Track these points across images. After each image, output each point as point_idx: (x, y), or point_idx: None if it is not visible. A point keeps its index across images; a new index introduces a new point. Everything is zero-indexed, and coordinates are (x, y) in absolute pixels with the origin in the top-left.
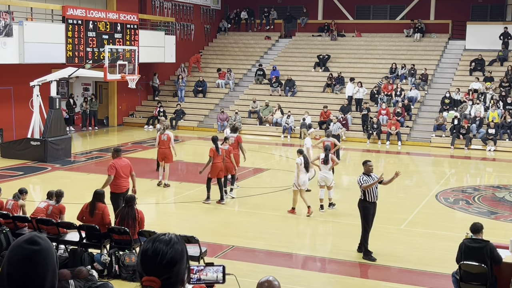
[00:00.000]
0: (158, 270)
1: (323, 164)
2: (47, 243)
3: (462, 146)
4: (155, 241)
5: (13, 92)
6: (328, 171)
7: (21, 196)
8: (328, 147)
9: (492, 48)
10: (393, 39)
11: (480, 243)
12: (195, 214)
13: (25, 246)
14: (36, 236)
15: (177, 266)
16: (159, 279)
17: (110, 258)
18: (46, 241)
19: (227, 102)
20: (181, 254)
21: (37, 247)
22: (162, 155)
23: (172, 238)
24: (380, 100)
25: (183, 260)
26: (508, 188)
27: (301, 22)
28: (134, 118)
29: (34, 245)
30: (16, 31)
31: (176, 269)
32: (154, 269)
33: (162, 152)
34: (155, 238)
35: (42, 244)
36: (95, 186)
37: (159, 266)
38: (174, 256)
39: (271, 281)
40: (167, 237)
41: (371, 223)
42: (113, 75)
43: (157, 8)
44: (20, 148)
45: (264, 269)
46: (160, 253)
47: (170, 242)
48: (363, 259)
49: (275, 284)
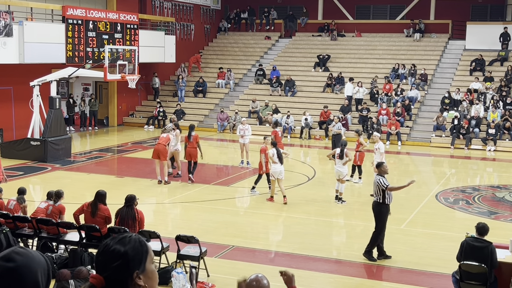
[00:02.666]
0: (100, 265)
1: (338, 158)
2: (27, 259)
3: (462, 146)
4: (111, 238)
5: (13, 92)
6: (342, 166)
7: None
8: (343, 143)
9: (492, 48)
10: (393, 39)
11: (482, 242)
12: (195, 214)
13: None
14: (14, 252)
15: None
16: (102, 276)
17: None
18: (27, 257)
19: (227, 102)
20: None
21: (11, 265)
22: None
23: (127, 238)
24: (380, 100)
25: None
26: (508, 188)
27: (301, 22)
28: (134, 118)
29: (8, 262)
30: (16, 31)
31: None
32: (98, 264)
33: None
34: (114, 236)
35: (18, 261)
36: (95, 186)
37: (101, 262)
38: (117, 254)
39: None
40: (123, 236)
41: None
42: (113, 75)
43: (157, 8)
44: (20, 148)
45: (264, 269)
46: (103, 249)
47: (122, 240)
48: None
49: (264, 283)
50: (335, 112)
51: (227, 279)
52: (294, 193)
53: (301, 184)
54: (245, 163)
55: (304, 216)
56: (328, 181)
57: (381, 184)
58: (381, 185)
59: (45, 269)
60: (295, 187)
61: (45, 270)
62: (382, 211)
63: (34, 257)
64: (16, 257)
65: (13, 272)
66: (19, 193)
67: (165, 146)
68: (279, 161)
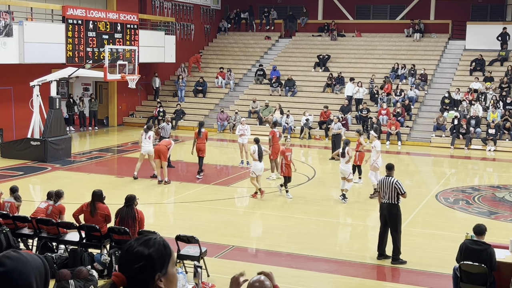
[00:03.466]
0: (124, 266)
1: (341, 157)
2: (18, 264)
3: (462, 146)
4: (136, 240)
5: (13, 92)
6: (345, 164)
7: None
8: (346, 141)
9: (492, 48)
10: (393, 39)
11: (481, 245)
12: (195, 214)
13: None
14: (5, 257)
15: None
16: (124, 275)
17: (110, 258)
18: (18, 261)
19: (227, 102)
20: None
21: (1, 269)
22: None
23: (151, 239)
24: (380, 100)
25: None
26: (508, 188)
27: (301, 22)
28: (134, 118)
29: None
30: (16, 31)
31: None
32: (121, 264)
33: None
34: (138, 237)
35: (8, 266)
36: (95, 186)
37: (125, 261)
38: (142, 252)
39: (262, 281)
40: (147, 238)
41: None
42: (113, 75)
43: (157, 8)
44: (20, 148)
45: (264, 269)
46: (127, 247)
47: (146, 242)
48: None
49: (267, 284)
50: (335, 112)
51: (227, 279)
52: (294, 193)
53: (301, 184)
54: (245, 163)
55: (304, 216)
56: (328, 181)
57: (400, 189)
58: (399, 189)
59: (41, 272)
60: (295, 187)
61: (41, 273)
62: (398, 214)
63: (27, 260)
64: (7, 262)
65: (3, 277)
66: (12, 191)
67: (166, 147)
68: (259, 159)
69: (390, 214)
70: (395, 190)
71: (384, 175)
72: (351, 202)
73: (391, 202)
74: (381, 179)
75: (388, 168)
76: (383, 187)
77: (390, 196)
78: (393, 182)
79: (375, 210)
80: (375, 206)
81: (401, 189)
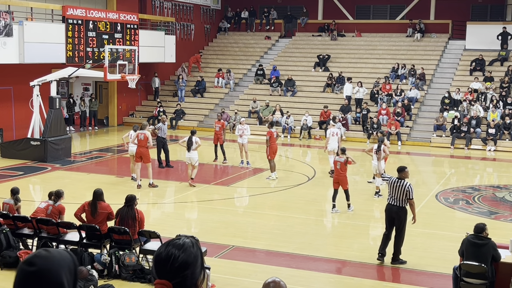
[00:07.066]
0: (170, 274)
1: (375, 154)
2: (48, 262)
3: (462, 146)
4: (169, 245)
5: (13, 92)
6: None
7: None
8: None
9: (492, 48)
10: (393, 39)
11: (483, 240)
12: (195, 214)
13: (22, 267)
14: (36, 256)
15: (189, 270)
16: (171, 283)
17: (110, 258)
18: (47, 260)
19: (227, 102)
20: (194, 258)
21: (32, 269)
22: (138, 154)
23: (186, 242)
24: (380, 100)
25: (196, 264)
26: (508, 188)
27: (301, 22)
28: (134, 118)
29: (30, 266)
30: (16, 31)
31: (188, 273)
32: (166, 272)
33: (138, 151)
34: (169, 242)
35: (38, 265)
36: (95, 186)
37: (170, 270)
38: (186, 260)
39: (277, 282)
40: (181, 242)
41: None
42: (113, 75)
43: (157, 8)
44: (20, 148)
45: (264, 269)
46: (172, 257)
47: (183, 246)
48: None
49: (282, 284)
50: (335, 112)
51: (227, 279)
52: (294, 193)
53: (301, 184)
54: (245, 163)
55: (304, 216)
56: (328, 181)
57: (410, 193)
58: (410, 193)
59: (70, 268)
60: (295, 187)
61: (70, 269)
62: (406, 218)
63: (57, 258)
64: (37, 261)
65: (34, 276)
66: (13, 193)
67: (147, 148)
68: (187, 149)
69: (399, 217)
70: (406, 193)
71: (395, 177)
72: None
73: (401, 205)
74: (393, 180)
75: (398, 171)
76: (394, 189)
77: (400, 199)
78: (406, 185)
79: (375, 210)
80: (375, 206)
81: (411, 194)
